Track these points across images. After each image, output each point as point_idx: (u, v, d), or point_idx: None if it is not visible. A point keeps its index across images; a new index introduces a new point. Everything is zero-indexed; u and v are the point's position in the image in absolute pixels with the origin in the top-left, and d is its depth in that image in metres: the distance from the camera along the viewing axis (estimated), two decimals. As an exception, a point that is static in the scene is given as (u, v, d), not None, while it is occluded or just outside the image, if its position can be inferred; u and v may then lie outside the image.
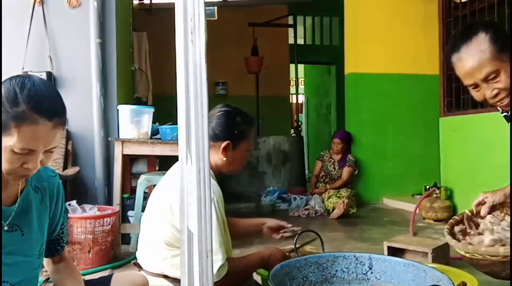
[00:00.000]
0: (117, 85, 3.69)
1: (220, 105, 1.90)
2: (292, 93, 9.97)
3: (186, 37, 0.88)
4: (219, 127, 1.81)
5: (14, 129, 1.06)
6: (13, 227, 1.22)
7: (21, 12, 3.53)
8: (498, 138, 3.97)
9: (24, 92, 1.08)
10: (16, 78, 1.11)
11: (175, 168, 1.90)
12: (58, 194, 1.36)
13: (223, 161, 1.83)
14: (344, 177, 5.50)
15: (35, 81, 1.12)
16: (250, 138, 1.91)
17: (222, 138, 1.81)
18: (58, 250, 1.43)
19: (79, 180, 3.56)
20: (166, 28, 5.09)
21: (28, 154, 1.10)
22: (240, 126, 1.85)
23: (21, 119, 1.06)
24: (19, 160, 1.10)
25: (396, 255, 2.76)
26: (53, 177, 1.36)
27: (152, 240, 1.80)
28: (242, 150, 1.87)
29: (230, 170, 1.88)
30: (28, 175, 1.16)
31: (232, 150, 1.84)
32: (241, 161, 1.90)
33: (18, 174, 1.14)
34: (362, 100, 5.87)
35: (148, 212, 1.89)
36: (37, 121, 1.08)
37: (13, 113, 1.06)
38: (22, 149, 1.08)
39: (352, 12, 5.92)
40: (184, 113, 0.90)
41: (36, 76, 1.15)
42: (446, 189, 4.59)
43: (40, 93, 1.10)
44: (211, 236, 0.90)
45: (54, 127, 1.11)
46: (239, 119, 1.86)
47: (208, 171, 0.90)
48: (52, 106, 1.12)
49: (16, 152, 1.08)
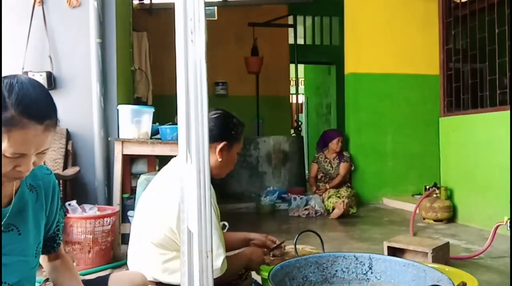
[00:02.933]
0: (117, 85, 3.69)
1: (213, 109, 1.90)
2: (292, 93, 9.97)
3: (186, 37, 0.88)
4: (216, 128, 1.81)
5: (4, 135, 1.04)
6: (9, 227, 1.21)
7: (21, 12, 3.53)
8: (498, 138, 3.97)
9: (12, 96, 1.04)
10: (4, 80, 1.07)
11: (166, 169, 1.89)
12: (53, 192, 1.35)
13: (217, 162, 1.83)
14: (341, 173, 5.51)
15: (23, 83, 1.08)
16: (241, 141, 1.93)
17: (219, 139, 1.81)
18: (54, 247, 1.42)
19: (79, 180, 3.56)
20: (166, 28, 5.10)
21: (20, 157, 1.08)
22: (236, 128, 1.87)
23: (11, 124, 1.03)
24: (11, 163, 1.08)
25: (396, 255, 2.76)
26: (48, 175, 1.34)
27: (143, 243, 1.77)
28: (235, 152, 1.89)
29: (221, 171, 1.88)
30: (21, 177, 1.15)
31: (227, 151, 1.84)
32: (233, 162, 1.91)
33: (10, 177, 1.13)
34: (362, 100, 5.87)
35: (139, 215, 1.85)
36: (27, 125, 1.05)
37: (2, 118, 1.04)
38: (13, 153, 1.06)
39: (352, 12, 5.92)
40: (184, 113, 0.90)
41: (24, 77, 1.11)
42: (446, 189, 4.58)
43: (28, 96, 1.06)
44: (211, 236, 0.90)
45: (45, 130, 1.09)
46: (235, 121, 1.89)
47: (208, 171, 0.90)
48: (42, 109, 1.08)
49: (7, 156, 1.06)
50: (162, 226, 1.72)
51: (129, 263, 1.85)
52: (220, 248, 1.69)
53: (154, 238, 1.73)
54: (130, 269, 1.83)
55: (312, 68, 10.99)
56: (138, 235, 1.82)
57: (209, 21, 7.78)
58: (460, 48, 4.80)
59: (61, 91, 3.56)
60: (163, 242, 1.72)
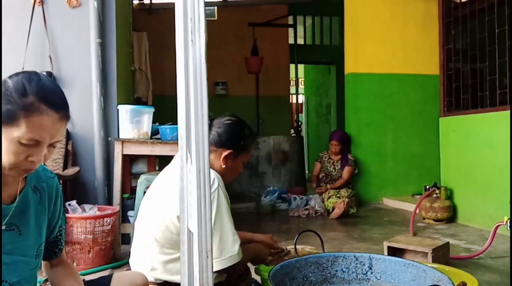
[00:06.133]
0: (117, 85, 3.69)
1: (228, 114, 1.91)
2: (292, 93, 9.97)
3: (186, 37, 0.88)
4: (226, 135, 1.80)
5: (23, 120, 1.09)
6: (11, 226, 1.22)
7: (21, 12, 3.53)
8: (498, 139, 3.97)
9: (32, 84, 1.12)
10: (22, 73, 1.15)
11: (168, 168, 1.88)
12: (56, 195, 1.36)
13: (221, 168, 1.82)
14: (344, 176, 5.49)
15: (41, 77, 1.17)
16: (250, 152, 1.92)
17: (227, 146, 1.81)
18: (56, 253, 1.42)
19: (79, 180, 3.56)
20: (166, 28, 5.10)
21: (34, 146, 1.12)
22: (246, 139, 1.86)
23: (30, 110, 1.09)
24: (24, 152, 1.11)
25: (396, 255, 2.77)
26: (52, 178, 1.36)
27: (147, 242, 1.75)
28: (240, 162, 1.88)
29: (224, 178, 1.84)
30: (31, 169, 1.17)
31: (232, 159, 1.83)
32: (237, 171, 1.90)
33: (21, 168, 1.14)
34: (362, 100, 5.87)
35: (142, 214, 1.84)
36: (46, 112, 1.11)
37: (22, 103, 1.09)
38: (30, 139, 1.10)
39: (352, 12, 5.92)
40: (184, 113, 0.90)
41: (41, 73, 1.20)
42: (446, 189, 4.58)
43: (47, 86, 1.15)
44: (211, 236, 0.90)
45: (60, 120, 1.15)
46: (247, 132, 1.87)
47: (208, 171, 0.90)
48: (59, 99, 1.16)
49: (23, 143, 1.10)
50: (165, 225, 1.70)
51: (131, 262, 1.85)
52: (235, 234, 1.69)
53: (158, 236, 1.71)
54: (132, 268, 1.83)
55: (312, 68, 11.00)
56: (141, 234, 1.81)
57: (209, 21, 7.78)
58: (460, 48, 4.80)
59: (61, 91, 3.55)
60: (166, 241, 1.71)
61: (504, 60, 4.08)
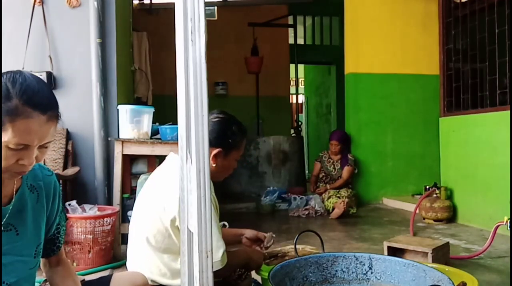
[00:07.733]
0: (117, 85, 3.69)
1: (216, 111, 1.85)
2: (292, 93, 9.97)
3: (186, 37, 0.88)
4: (213, 134, 1.75)
5: (8, 125, 1.05)
6: (8, 227, 1.21)
7: (21, 12, 3.53)
8: (498, 139, 3.97)
9: (16, 86, 1.07)
10: (6, 74, 1.10)
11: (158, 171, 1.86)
12: (54, 193, 1.34)
13: (211, 167, 1.78)
14: (344, 176, 5.49)
15: (26, 76, 1.11)
16: (241, 149, 1.87)
17: (215, 145, 1.76)
18: (53, 250, 1.41)
19: (79, 180, 3.56)
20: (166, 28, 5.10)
21: (23, 149, 1.09)
22: (234, 136, 1.81)
23: (15, 114, 1.05)
24: (14, 156, 1.09)
25: (396, 255, 2.76)
26: (49, 176, 1.34)
27: (142, 244, 1.73)
28: (232, 159, 1.84)
29: (217, 176, 1.83)
30: (24, 172, 1.15)
31: (223, 157, 1.80)
32: (229, 169, 1.86)
33: (13, 171, 1.12)
34: (362, 100, 5.87)
35: (134, 219, 1.82)
36: (31, 115, 1.06)
37: (6, 108, 1.05)
38: (17, 144, 1.06)
39: (352, 12, 5.92)
40: (184, 113, 0.90)
41: (26, 72, 1.14)
42: (446, 189, 4.58)
43: (32, 87, 1.09)
44: (211, 236, 0.90)
45: (48, 121, 1.10)
46: (235, 129, 1.82)
47: (208, 171, 0.90)
48: (45, 99, 1.11)
49: (11, 147, 1.07)
50: (156, 228, 1.69)
51: (128, 264, 1.84)
52: (220, 241, 1.67)
53: (151, 239, 1.70)
54: (129, 270, 1.81)
55: (312, 68, 10.99)
56: (136, 235, 1.79)
57: (209, 21, 7.78)
58: (460, 48, 4.80)
59: (61, 91, 3.55)
60: (158, 244, 1.69)
61: (504, 60, 4.08)
